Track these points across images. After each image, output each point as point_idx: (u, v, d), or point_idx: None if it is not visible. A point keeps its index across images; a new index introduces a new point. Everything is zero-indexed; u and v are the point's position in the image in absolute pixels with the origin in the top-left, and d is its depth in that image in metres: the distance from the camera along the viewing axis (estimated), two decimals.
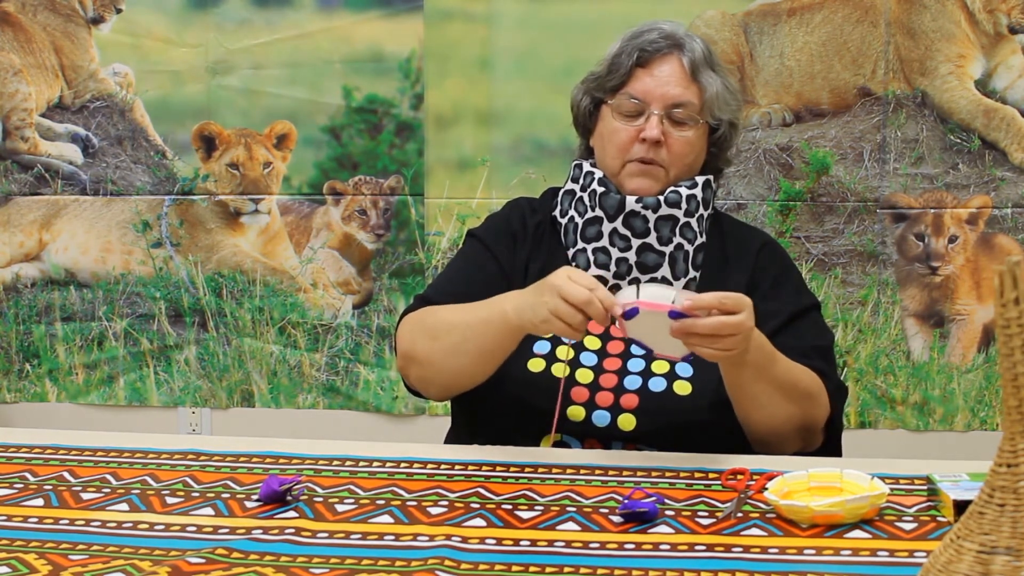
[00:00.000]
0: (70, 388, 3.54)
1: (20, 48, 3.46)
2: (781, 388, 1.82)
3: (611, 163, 1.98)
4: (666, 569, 1.38)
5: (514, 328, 1.79)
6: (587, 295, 1.68)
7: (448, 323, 1.88)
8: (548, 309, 1.70)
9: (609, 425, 1.87)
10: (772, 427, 1.84)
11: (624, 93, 1.96)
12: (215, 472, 1.73)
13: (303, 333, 3.43)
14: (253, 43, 3.40)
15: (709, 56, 1.98)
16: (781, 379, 1.82)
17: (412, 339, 1.92)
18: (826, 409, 1.88)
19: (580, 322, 1.69)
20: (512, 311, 1.78)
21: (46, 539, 1.49)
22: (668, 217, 1.94)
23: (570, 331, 1.70)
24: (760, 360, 1.78)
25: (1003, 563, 1.10)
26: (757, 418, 1.84)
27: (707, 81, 1.96)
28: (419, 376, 1.93)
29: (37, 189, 3.49)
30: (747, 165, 3.22)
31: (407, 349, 1.93)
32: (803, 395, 1.84)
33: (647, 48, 1.96)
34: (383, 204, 3.38)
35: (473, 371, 1.87)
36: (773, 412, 1.82)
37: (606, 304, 1.68)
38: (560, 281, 1.70)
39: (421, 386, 1.95)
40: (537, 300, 1.73)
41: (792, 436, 1.87)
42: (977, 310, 3.23)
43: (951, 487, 1.54)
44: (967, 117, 3.16)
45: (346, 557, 1.42)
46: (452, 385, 1.92)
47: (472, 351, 1.84)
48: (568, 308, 1.68)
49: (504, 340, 1.82)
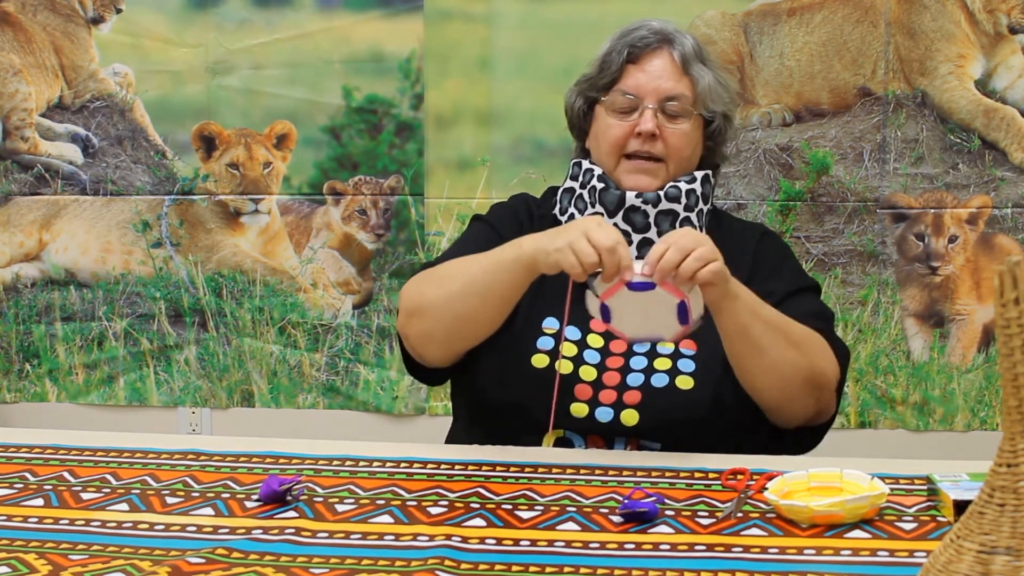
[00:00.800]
0: (70, 388, 3.54)
1: (20, 48, 3.46)
2: (779, 330, 1.81)
3: (607, 160, 1.98)
4: (666, 569, 1.38)
5: (526, 261, 1.78)
6: (612, 242, 1.69)
7: (459, 267, 1.88)
8: (567, 240, 1.72)
9: (612, 421, 1.87)
10: (779, 377, 1.82)
11: (617, 90, 1.97)
12: (215, 472, 1.73)
13: (303, 333, 3.43)
14: (253, 43, 3.40)
15: (699, 50, 1.99)
16: (775, 320, 1.81)
17: (419, 290, 1.90)
18: (834, 364, 1.87)
19: (592, 263, 1.70)
20: (528, 243, 1.79)
21: (46, 539, 1.49)
22: (668, 212, 1.95)
23: (578, 268, 1.71)
24: (749, 296, 1.79)
25: (1003, 563, 1.10)
26: (760, 366, 1.81)
27: (698, 74, 1.97)
28: (421, 331, 1.90)
29: (37, 189, 3.49)
30: (747, 165, 3.22)
31: (413, 301, 1.89)
32: (802, 340, 1.83)
33: (637, 44, 1.97)
34: (383, 204, 3.38)
35: (478, 314, 1.85)
36: (776, 359, 1.80)
37: (624, 263, 1.69)
38: (590, 222, 1.74)
39: (422, 342, 1.91)
40: (559, 233, 1.75)
41: (800, 392, 1.84)
42: (977, 310, 3.23)
43: (951, 487, 1.54)
44: (967, 117, 3.17)
45: (346, 557, 1.42)
46: (454, 335, 1.89)
47: (480, 291, 1.83)
48: (587, 245, 1.70)
49: (515, 276, 1.80)
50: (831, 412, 1.91)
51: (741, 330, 1.80)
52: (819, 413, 1.89)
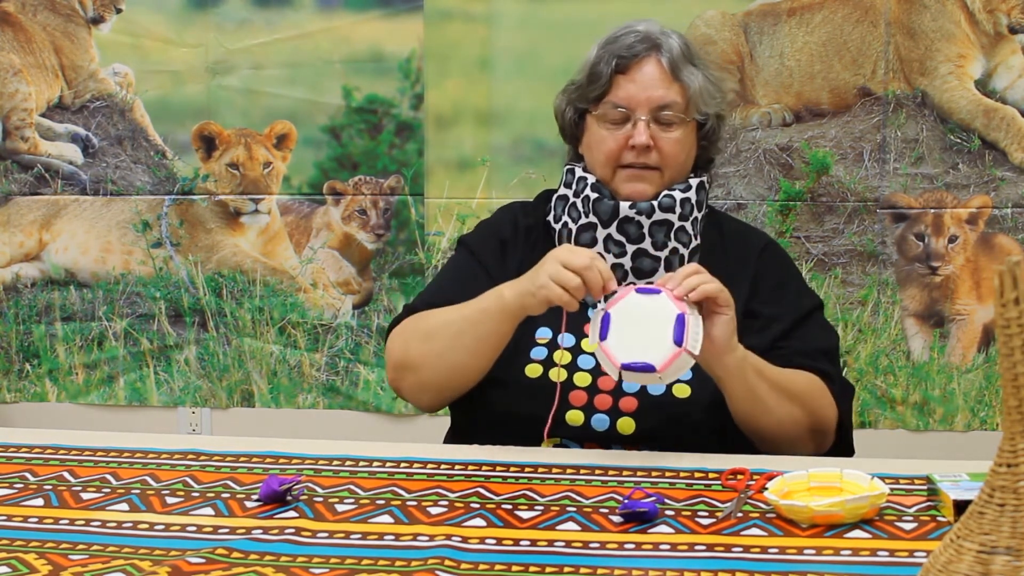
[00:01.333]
0: (70, 388, 3.54)
1: (20, 48, 3.46)
2: (781, 389, 1.82)
3: (602, 171, 1.97)
4: (666, 569, 1.38)
5: (511, 309, 1.80)
6: (588, 261, 1.72)
7: (442, 321, 1.88)
8: (548, 274, 1.74)
9: (608, 429, 1.87)
10: (783, 431, 1.84)
11: (608, 102, 1.95)
12: (215, 472, 1.73)
13: (303, 333, 3.43)
14: (253, 43, 3.39)
15: (687, 51, 1.97)
16: (777, 379, 1.83)
17: (405, 346, 1.92)
18: (833, 409, 1.88)
19: (577, 287, 1.72)
20: (509, 290, 1.80)
21: (46, 539, 1.49)
22: (662, 222, 1.93)
23: (566, 297, 1.72)
24: (754, 359, 1.80)
25: (1003, 563, 1.10)
26: (768, 423, 1.83)
27: (689, 78, 1.95)
28: (413, 383, 1.93)
29: (37, 189, 3.49)
30: (747, 165, 3.22)
31: (399, 357, 1.92)
32: (804, 393, 1.84)
33: (624, 54, 1.94)
34: (383, 204, 3.38)
35: (469, 366, 1.87)
36: (781, 416, 1.82)
37: (605, 275, 1.71)
38: (561, 251, 1.77)
39: (415, 394, 1.95)
40: (536, 271, 1.77)
41: (802, 439, 1.87)
42: (977, 310, 3.23)
43: (951, 487, 1.54)
44: (967, 117, 3.16)
45: (346, 557, 1.42)
46: (447, 386, 1.92)
47: (468, 344, 1.84)
48: (567, 273, 1.72)
49: (501, 326, 1.82)
50: (827, 448, 1.93)
51: (749, 391, 1.81)
52: (816, 451, 1.91)
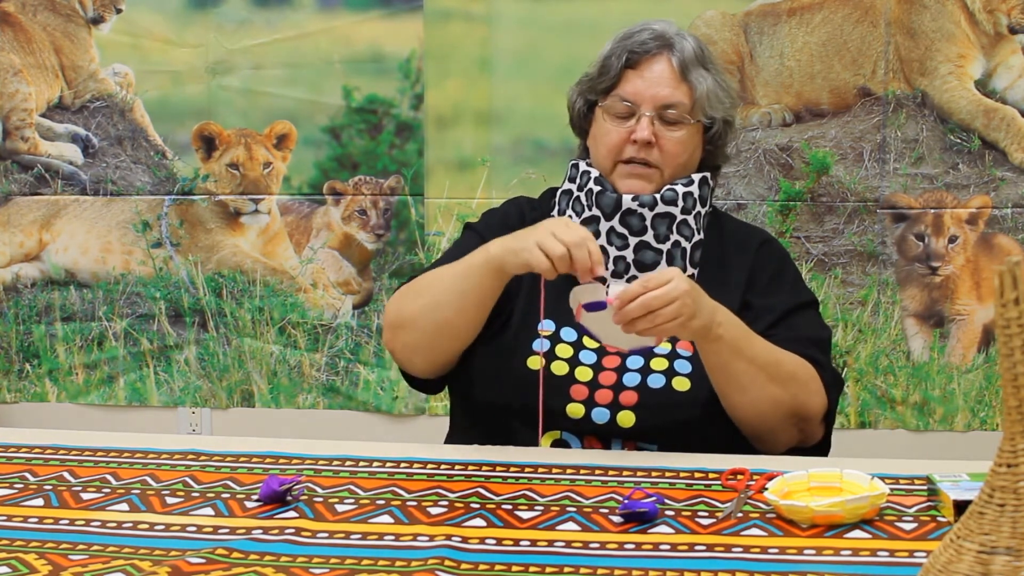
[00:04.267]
0: (70, 388, 3.54)
1: (20, 48, 3.46)
2: (763, 368, 1.81)
3: (604, 164, 1.98)
4: (666, 569, 1.39)
5: (495, 263, 1.80)
6: (579, 238, 1.72)
7: (433, 277, 1.90)
8: (534, 239, 1.74)
9: (608, 422, 1.87)
10: (759, 413, 1.83)
11: (615, 95, 1.97)
12: (215, 472, 1.73)
13: (303, 333, 3.43)
14: (253, 43, 3.39)
15: (701, 54, 1.97)
16: (761, 358, 1.81)
17: (399, 305, 1.93)
18: (821, 397, 1.87)
19: (560, 255, 1.71)
20: (495, 245, 1.81)
21: (46, 539, 1.49)
22: (665, 215, 1.94)
23: (546, 264, 1.72)
24: (735, 335, 1.79)
25: (1003, 563, 1.10)
26: (741, 402, 1.83)
27: (697, 80, 1.96)
28: (405, 343, 1.92)
29: (37, 189, 3.49)
30: (747, 165, 3.22)
31: (394, 316, 1.93)
32: (788, 376, 1.83)
33: (636, 49, 1.96)
34: (383, 204, 3.38)
35: (454, 323, 1.87)
36: (757, 395, 1.81)
37: (594, 257, 1.71)
38: (557, 222, 1.77)
39: (407, 355, 1.94)
40: (526, 233, 1.77)
41: (783, 424, 1.85)
42: (977, 310, 3.23)
43: (951, 487, 1.54)
44: (967, 117, 3.16)
45: (346, 557, 1.42)
46: (435, 346, 1.91)
47: (454, 300, 1.85)
48: (554, 241, 1.72)
49: (484, 279, 1.82)
50: (816, 440, 1.92)
51: (721, 368, 1.81)
52: (803, 442, 1.90)
